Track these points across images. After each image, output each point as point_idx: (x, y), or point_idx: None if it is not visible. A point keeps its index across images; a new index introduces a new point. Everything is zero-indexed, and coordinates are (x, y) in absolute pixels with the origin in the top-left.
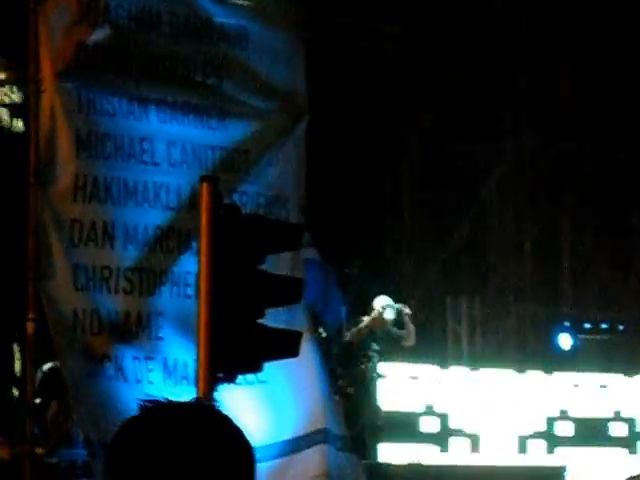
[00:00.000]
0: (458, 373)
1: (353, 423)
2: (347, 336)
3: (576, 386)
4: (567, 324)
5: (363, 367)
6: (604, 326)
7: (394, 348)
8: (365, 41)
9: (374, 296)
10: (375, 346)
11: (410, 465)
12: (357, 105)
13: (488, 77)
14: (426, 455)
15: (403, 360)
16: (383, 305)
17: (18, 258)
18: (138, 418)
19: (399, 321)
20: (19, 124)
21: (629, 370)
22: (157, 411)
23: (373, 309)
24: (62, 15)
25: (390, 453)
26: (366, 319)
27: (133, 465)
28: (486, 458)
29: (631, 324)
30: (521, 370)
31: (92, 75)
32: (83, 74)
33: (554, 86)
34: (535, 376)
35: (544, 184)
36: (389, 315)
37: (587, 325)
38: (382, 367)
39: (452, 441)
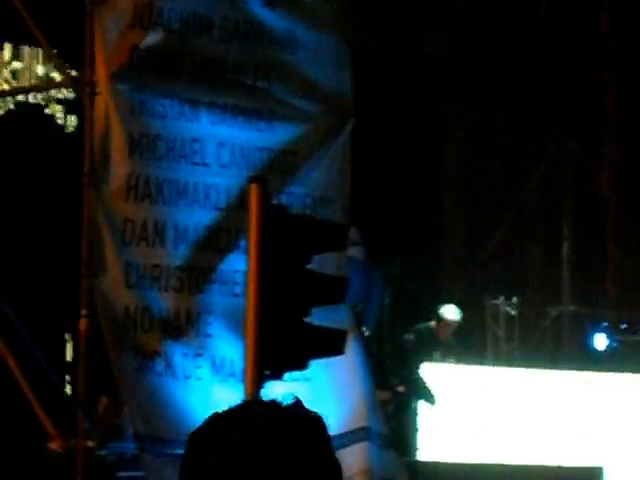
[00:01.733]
0: (496, 372)
1: (400, 420)
2: (406, 336)
3: (612, 386)
4: (604, 324)
5: (416, 367)
6: None
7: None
8: (413, 45)
9: (413, 295)
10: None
11: (449, 463)
12: (402, 106)
13: (533, 80)
14: (465, 453)
15: (443, 360)
16: (453, 312)
17: (73, 255)
18: (219, 415)
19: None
20: (72, 121)
21: None
22: (239, 410)
23: (439, 315)
24: (117, 19)
25: (431, 451)
26: (432, 324)
27: (205, 462)
28: (523, 458)
29: None
30: (557, 370)
31: (145, 78)
32: (136, 77)
33: (599, 93)
34: (570, 376)
35: (584, 185)
36: (457, 317)
37: (624, 326)
38: (424, 367)
39: (490, 440)
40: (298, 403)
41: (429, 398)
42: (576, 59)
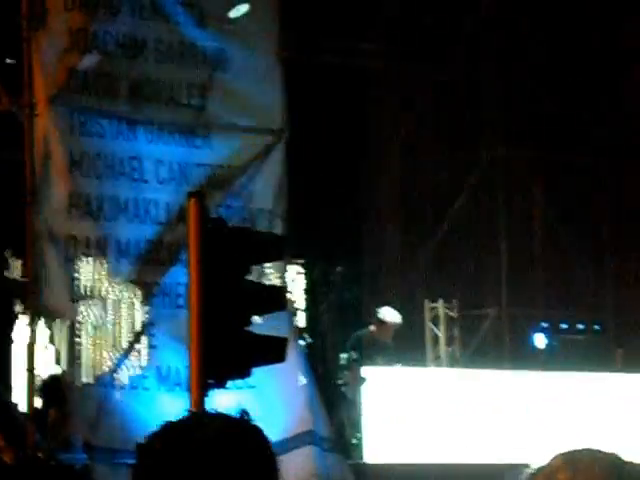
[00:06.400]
0: (436, 374)
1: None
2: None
3: (549, 384)
4: (544, 325)
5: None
6: (580, 326)
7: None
8: (346, 59)
9: (356, 302)
10: (354, 354)
11: (396, 465)
12: (338, 118)
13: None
14: (412, 454)
15: (385, 364)
16: (391, 314)
17: None
18: (172, 424)
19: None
20: None
21: (603, 368)
22: (188, 419)
23: (379, 318)
24: (54, 43)
25: (376, 453)
26: (371, 328)
27: (157, 468)
28: (462, 456)
29: (608, 324)
30: (497, 369)
31: (83, 99)
32: (74, 98)
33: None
34: (510, 375)
35: (517, 189)
36: (395, 318)
37: (564, 325)
38: (364, 370)
39: (434, 440)
40: (244, 415)
41: (350, 408)
42: (502, 64)
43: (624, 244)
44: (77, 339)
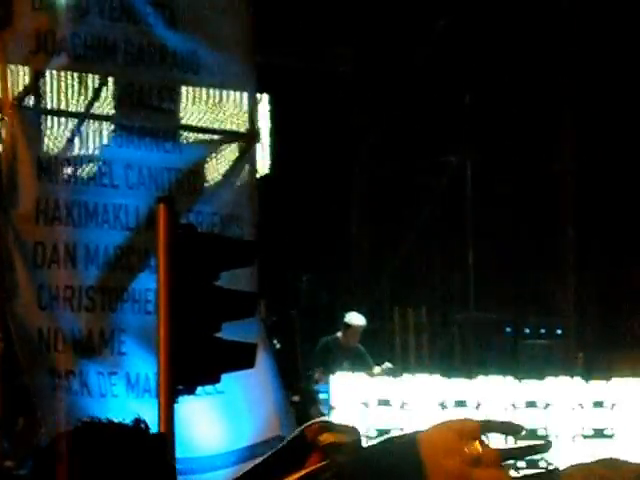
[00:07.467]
0: (406, 379)
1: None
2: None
3: (517, 389)
4: (508, 330)
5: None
6: (542, 331)
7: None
8: (316, 63)
9: (324, 308)
10: (321, 369)
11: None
12: (308, 124)
13: (434, 96)
14: None
15: (352, 369)
16: (356, 318)
17: None
18: (64, 434)
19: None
20: None
21: (565, 372)
22: (82, 430)
23: (345, 322)
24: (20, 44)
25: None
26: (338, 335)
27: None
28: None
29: (569, 328)
30: (465, 374)
31: (51, 102)
32: (42, 101)
33: (496, 104)
34: (478, 380)
35: (484, 195)
36: (360, 321)
37: (527, 330)
38: (334, 377)
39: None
40: (139, 422)
41: (318, 409)
42: (475, 69)
43: (585, 249)
44: (45, 347)
